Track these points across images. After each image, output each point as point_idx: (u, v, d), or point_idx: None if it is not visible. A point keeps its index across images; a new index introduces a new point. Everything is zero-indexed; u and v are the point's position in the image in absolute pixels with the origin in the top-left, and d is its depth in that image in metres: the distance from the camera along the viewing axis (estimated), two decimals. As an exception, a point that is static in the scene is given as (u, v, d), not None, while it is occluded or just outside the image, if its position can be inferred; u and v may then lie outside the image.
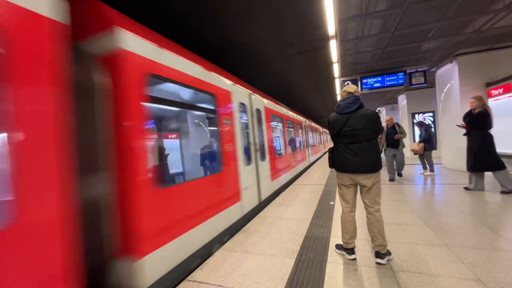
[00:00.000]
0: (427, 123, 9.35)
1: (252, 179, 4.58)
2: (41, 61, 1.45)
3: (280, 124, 7.82)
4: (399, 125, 6.34)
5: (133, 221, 2.06)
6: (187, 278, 2.36)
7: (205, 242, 2.96)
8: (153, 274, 2.18)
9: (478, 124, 4.52)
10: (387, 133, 6.31)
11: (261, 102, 5.80)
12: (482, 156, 4.48)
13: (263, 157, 5.35)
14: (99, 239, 2.06)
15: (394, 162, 6.53)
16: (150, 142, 2.35)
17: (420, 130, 7.10)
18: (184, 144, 5.76)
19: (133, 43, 2.26)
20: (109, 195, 2.09)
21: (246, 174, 4.29)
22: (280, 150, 7.60)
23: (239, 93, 4.53)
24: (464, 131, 4.80)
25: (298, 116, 10.59)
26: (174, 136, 6.16)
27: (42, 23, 1.47)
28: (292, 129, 9.36)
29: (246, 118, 4.84)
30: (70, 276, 1.48)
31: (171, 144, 5.97)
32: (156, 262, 2.22)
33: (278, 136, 7.92)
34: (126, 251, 2.05)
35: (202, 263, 2.72)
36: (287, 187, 6.76)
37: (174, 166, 5.09)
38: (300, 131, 10.63)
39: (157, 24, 4.58)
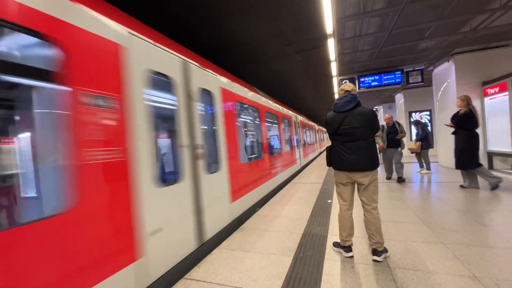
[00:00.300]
0: (423, 121, 9.39)
1: (181, 210, 2.67)
2: None
3: (254, 118, 6.01)
4: (399, 124, 6.03)
5: None
6: (184, 277, 2.37)
7: None
8: None
9: (464, 124, 4.64)
10: (387, 132, 5.98)
11: (214, 80, 3.75)
12: (464, 155, 4.64)
13: (215, 167, 3.53)
14: None
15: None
16: None
17: (417, 129, 7.13)
18: None
19: None
20: None
21: (161, 202, 2.40)
22: (253, 153, 5.77)
23: (150, 53, 2.51)
24: (452, 130, 4.93)
25: (285, 110, 8.74)
26: None
27: None
28: (275, 126, 7.43)
29: (175, 102, 2.82)
30: None
31: None
32: None
33: (252, 134, 6.09)
34: None
35: None
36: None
37: None
38: (287, 128, 8.86)
39: (156, 22, 4.55)
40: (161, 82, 2.70)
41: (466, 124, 4.60)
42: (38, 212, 1.81)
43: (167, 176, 2.73)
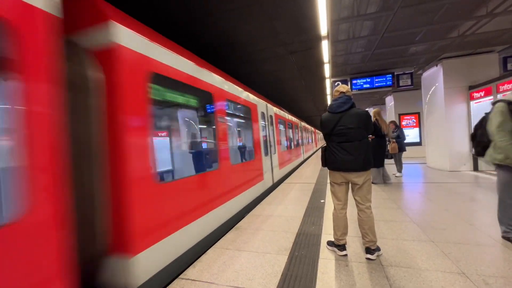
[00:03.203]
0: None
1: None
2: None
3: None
4: None
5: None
6: (180, 276, 2.34)
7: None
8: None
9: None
10: None
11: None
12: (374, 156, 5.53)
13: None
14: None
15: None
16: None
17: (396, 131, 6.78)
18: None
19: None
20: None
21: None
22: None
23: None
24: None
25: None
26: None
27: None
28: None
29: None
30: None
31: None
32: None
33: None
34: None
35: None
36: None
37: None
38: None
39: (149, 20, 4.49)
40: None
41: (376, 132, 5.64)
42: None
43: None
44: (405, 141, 6.83)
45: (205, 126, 4.75)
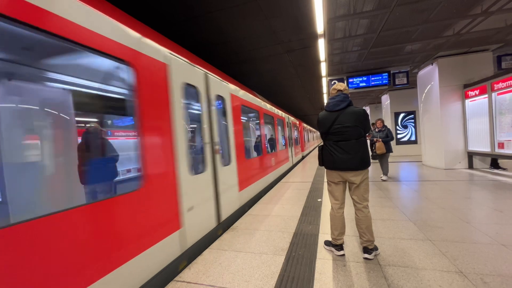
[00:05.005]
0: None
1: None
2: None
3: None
4: None
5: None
6: (175, 279, 2.30)
7: None
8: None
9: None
10: None
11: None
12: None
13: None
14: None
15: None
16: None
17: (384, 130, 6.28)
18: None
19: None
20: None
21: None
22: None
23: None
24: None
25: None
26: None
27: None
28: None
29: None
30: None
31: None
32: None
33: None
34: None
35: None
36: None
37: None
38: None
39: (145, 17, 4.41)
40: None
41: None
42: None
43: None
44: (403, 140, 6.63)
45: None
